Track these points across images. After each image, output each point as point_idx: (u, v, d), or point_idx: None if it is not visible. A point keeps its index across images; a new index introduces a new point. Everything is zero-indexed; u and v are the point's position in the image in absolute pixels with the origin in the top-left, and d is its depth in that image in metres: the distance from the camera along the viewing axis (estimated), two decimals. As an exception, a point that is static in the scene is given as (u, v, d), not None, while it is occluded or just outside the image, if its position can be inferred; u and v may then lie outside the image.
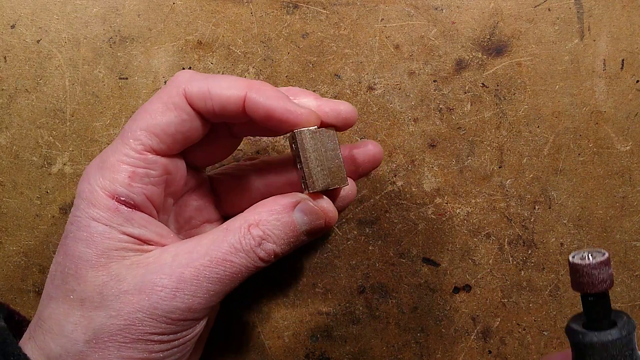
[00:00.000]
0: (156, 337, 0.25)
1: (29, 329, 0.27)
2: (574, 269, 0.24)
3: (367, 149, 0.30)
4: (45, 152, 0.36)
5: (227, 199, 0.32)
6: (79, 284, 0.25)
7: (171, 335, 0.25)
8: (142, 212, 0.27)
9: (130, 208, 0.26)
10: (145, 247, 0.27)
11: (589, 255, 0.24)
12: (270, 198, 0.27)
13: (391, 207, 0.36)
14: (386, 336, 0.36)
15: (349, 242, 0.36)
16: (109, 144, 0.36)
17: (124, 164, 0.26)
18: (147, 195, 0.27)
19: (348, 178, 0.29)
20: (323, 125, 0.28)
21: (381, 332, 0.36)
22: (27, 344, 0.26)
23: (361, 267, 0.36)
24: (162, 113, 0.26)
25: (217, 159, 0.31)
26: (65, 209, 0.36)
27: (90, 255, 0.25)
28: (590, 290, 0.24)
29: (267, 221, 0.26)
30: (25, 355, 0.25)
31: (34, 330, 0.26)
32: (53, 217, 0.36)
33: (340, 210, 0.30)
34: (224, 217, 0.32)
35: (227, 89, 0.26)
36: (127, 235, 0.26)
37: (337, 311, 0.36)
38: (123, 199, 0.26)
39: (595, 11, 0.36)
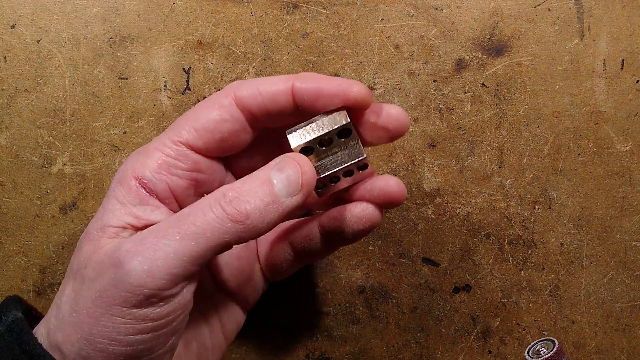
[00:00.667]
0: (129, 306, 0.23)
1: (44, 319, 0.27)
2: None
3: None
4: (45, 152, 0.36)
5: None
6: (76, 257, 0.26)
7: (148, 308, 0.24)
8: (161, 201, 0.27)
9: (148, 193, 0.27)
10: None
11: (543, 348, 0.26)
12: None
13: (391, 207, 0.36)
14: (386, 336, 0.36)
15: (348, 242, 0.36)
16: (109, 144, 0.36)
17: (158, 151, 0.27)
18: (170, 186, 0.27)
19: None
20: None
21: (381, 332, 0.36)
22: (39, 328, 0.26)
23: (361, 267, 0.36)
24: (206, 110, 0.27)
25: (230, 150, 0.30)
26: (65, 209, 0.36)
27: (91, 229, 0.26)
28: None
29: (242, 181, 0.25)
30: (40, 344, 0.25)
31: (51, 313, 0.26)
32: (53, 217, 0.36)
33: (360, 235, 0.29)
34: None
35: (274, 83, 0.27)
36: (133, 216, 0.26)
37: (337, 311, 0.36)
38: (145, 181, 0.26)
39: (595, 11, 0.36)
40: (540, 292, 0.36)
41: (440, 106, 0.36)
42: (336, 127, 0.26)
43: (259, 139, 0.29)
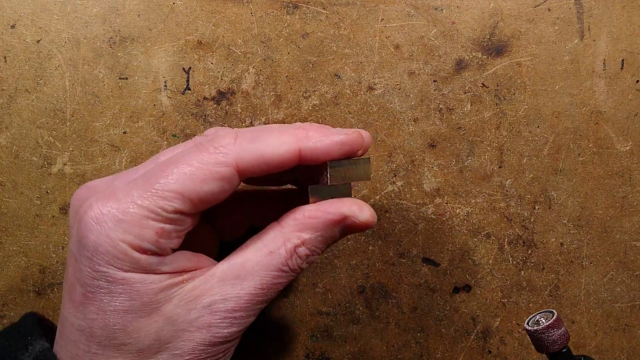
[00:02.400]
0: (218, 356, 0.26)
1: None
2: (529, 335, 0.29)
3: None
4: (45, 152, 0.36)
5: (222, 229, 0.32)
6: (132, 337, 0.24)
7: (230, 348, 0.27)
8: (167, 255, 0.26)
9: (157, 256, 0.25)
10: (184, 276, 0.26)
11: (542, 319, 0.27)
12: (309, 209, 0.27)
13: (391, 207, 0.36)
14: (386, 336, 0.36)
15: (349, 242, 0.36)
16: (109, 144, 0.36)
17: (151, 220, 0.24)
18: (172, 247, 0.26)
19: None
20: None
21: (381, 332, 0.36)
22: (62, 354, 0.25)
23: (361, 267, 0.36)
24: (204, 181, 0.24)
25: (234, 233, 0.32)
26: (65, 209, 0.36)
27: (136, 306, 0.24)
28: (547, 351, 0.28)
29: (312, 239, 0.26)
30: None
31: None
32: (53, 217, 0.36)
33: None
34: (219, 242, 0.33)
35: (278, 147, 0.25)
36: (164, 273, 0.25)
37: (337, 311, 0.36)
38: (149, 253, 0.25)
39: (595, 11, 0.36)
40: (540, 292, 0.36)
41: (440, 106, 0.36)
42: (364, 179, 0.28)
43: None
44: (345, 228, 0.27)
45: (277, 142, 0.25)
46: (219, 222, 0.32)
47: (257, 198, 0.33)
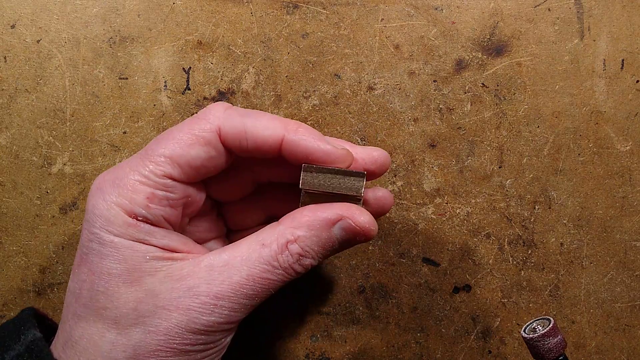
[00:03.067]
0: (198, 347, 0.25)
1: (55, 346, 0.26)
2: (525, 342, 0.29)
3: (371, 154, 0.29)
4: (45, 152, 0.36)
5: (232, 219, 0.32)
6: (112, 302, 0.25)
7: (209, 345, 0.26)
8: (161, 227, 0.26)
9: (148, 224, 0.26)
10: (174, 255, 0.26)
11: (539, 326, 0.27)
12: (307, 209, 0.27)
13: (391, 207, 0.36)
14: (386, 336, 0.36)
15: (349, 242, 0.36)
16: (109, 144, 0.36)
17: (142, 184, 0.25)
18: (165, 216, 0.26)
19: (385, 190, 0.30)
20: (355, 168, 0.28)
21: (381, 332, 0.36)
22: (56, 345, 0.26)
23: (361, 267, 0.36)
24: (191, 145, 0.26)
25: (234, 197, 0.31)
26: (65, 209, 0.36)
27: (121, 270, 0.25)
28: (542, 359, 0.27)
29: (306, 237, 0.26)
30: None
31: (64, 350, 0.25)
32: (53, 217, 0.36)
33: (377, 216, 0.30)
34: (228, 232, 0.32)
35: (263, 129, 0.26)
36: (154, 245, 0.26)
37: (337, 311, 0.36)
38: (140, 218, 0.25)
39: (595, 11, 0.36)
40: (540, 292, 0.36)
41: (440, 106, 0.36)
42: (350, 194, 0.27)
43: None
44: (343, 232, 0.26)
45: (264, 124, 0.26)
46: (233, 214, 0.32)
47: (273, 194, 0.32)
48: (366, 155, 0.28)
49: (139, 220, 0.25)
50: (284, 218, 0.27)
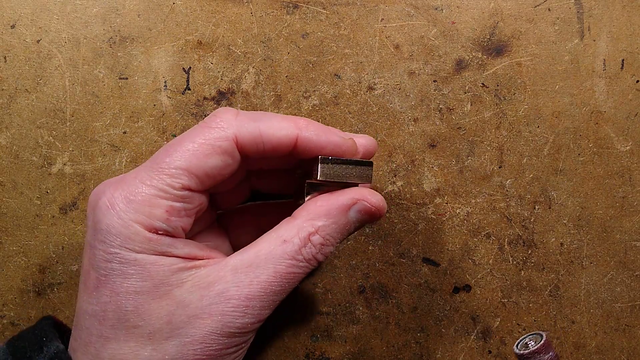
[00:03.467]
0: (231, 350, 0.25)
1: None
2: (518, 358, 0.29)
3: (358, 142, 0.30)
4: (45, 152, 0.36)
5: (219, 201, 0.32)
6: (143, 319, 0.24)
7: (242, 344, 0.26)
8: (179, 237, 0.26)
9: (168, 236, 0.26)
10: (196, 262, 0.26)
11: (531, 342, 0.27)
12: (320, 199, 0.27)
13: (391, 207, 0.36)
14: (386, 336, 0.36)
15: (349, 242, 0.36)
16: (109, 144, 0.36)
17: (161, 198, 0.25)
18: (183, 226, 0.26)
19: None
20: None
21: (381, 332, 0.36)
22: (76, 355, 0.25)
23: (361, 267, 0.36)
24: (209, 155, 0.25)
25: (228, 187, 0.31)
26: (65, 209, 0.36)
27: (148, 287, 0.25)
28: None
29: (326, 226, 0.26)
30: None
31: None
32: (53, 217, 0.36)
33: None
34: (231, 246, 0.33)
35: (278, 130, 0.26)
36: (176, 257, 0.25)
37: (337, 311, 0.36)
38: (161, 232, 0.25)
39: (595, 11, 0.36)
40: (540, 292, 0.36)
41: (440, 106, 0.36)
42: (361, 182, 0.28)
43: None
44: (358, 214, 0.27)
45: (277, 125, 0.26)
46: (231, 230, 0.32)
47: (268, 209, 0.33)
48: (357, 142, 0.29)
49: (159, 234, 0.25)
50: (298, 211, 0.27)
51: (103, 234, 0.25)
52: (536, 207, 0.36)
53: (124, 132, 0.36)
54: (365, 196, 0.27)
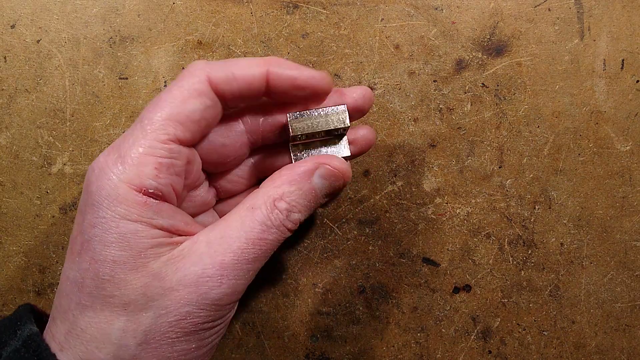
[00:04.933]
0: (207, 325, 0.26)
1: (54, 337, 0.26)
2: None
3: (352, 93, 0.31)
4: (45, 152, 0.36)
5: (222, 187, 0.32)
6: (119, 289, 0.25)
7: (219, 320, 0.26)
8: (168, 202, 0.26)
9: (158, 199, 0.26)
10: (175, 238, 0.26)
11: None
12: (285, 168, 0.28)
13: (391, 207, 0.36)
14: (386, 336, 0.36)
15: (349, 242, 0.36)
16: (109, 144, 0.36)
17: (148, 155, 0.25)
18: (173, 185, 0.26)
19: (368, 127, 0.31)
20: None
21: (381, 332, 0.36)
22: (61, 355, 0.25)
23: (361, 267, 0.36)
24: (186, 100, 0.26)
25: (231, 167, 0.31)
26: (65, 209, 0.36)
27: (126, 257, 0.25)
28: None
29: (290, 192, 0.27)
30: None
31: (67, 339, 0.25)
32: (53, 217, 0.36)
33: (360, 153, 0.31)
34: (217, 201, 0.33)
35: (248, 67, 0.27)
36: (159, 228, 0.26)
37: (337, 311, 0.36)
38: (151, 191, 0.25)
39: (595, 11, 0.36)
40: (540, 292, 0.36)
41: (440, 106, 0.36)
42: (338, 127, 0.28)
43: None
44: (322, 179, 0.27)
45: (247, 64, 0.27)
46: (222, 186, 0.32)
47: (261, 158, 0.33)
48: (350, 93, 0.30)
49: (149, 193, 0.25)
50: (264, 182, 0.28)
51: (93, 196, 0.25)
52: (536, 207, 0.36)
53: (124, 132, 0.36)
54: (328, 160, 0.28)
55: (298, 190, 0.27)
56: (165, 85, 0.36)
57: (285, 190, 0.27)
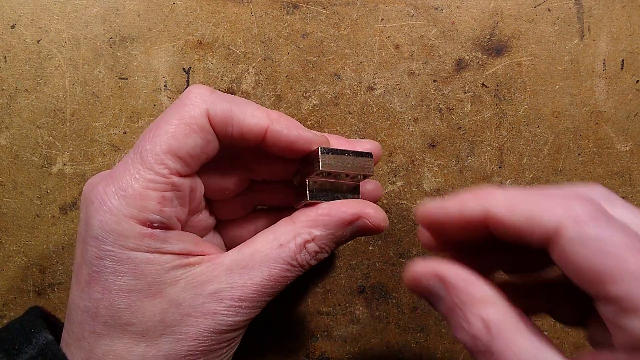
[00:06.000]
0: (221, 346, 0.26)
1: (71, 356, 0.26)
2: None
3: (363, 147, 0.30)
4: (45, 152, 0.36)
5: (222, 211, 0.32)
6: (136, 317, 0.25)
7: (233, 340, 0.27)
8: (173, 229, 0.26)
9: (164, 229, 0.25)
10: (190, 259, 0.26)
11: None
12: (322, 207, 0.27)
13: (391, 207, 0.36)
14: (386, 336, 0.36)
15: (349, 242, 0.36)
16: (109, 144, 0.36)
17: (151, 189, 0.24)
18: (177, 216, 0.26)
19: (374, 182, 0.31)
20: None
21: (381, 332, 0.36)
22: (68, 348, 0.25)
23: (361, 267, 0.36)
24: (187, 135, 0.25)
25: (229, 195, 0.31)
26: (66, 209, 0.36)
27: (141, 286, 0.24)
28: None
29: (322, 236, 0.26)
30: None
31: None
32: (53, 217, 0.36)
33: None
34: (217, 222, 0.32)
35: (250, 117, 0.26)
36: (170, 253, 0.25)
37: (337, 311, 0.36)
38: (156, 225, 0.25)
39: (595, 11, 0.36)
40: (540, 292, 0.36)
41: (440, 106, 0.36)
42: (363, 173, 0.28)
43: None
44: (356, 229, 0.27)
45: (249, 112, 0.26)
46: (227, 231, 0.32)
47: (262, 186, 0.32)
48: (361, 145, 0.30)
49: (154, 227, 0.25)
50: (297, 215, 0.27)
51: (95, 230, 0.24)
52: (536, 207, 0.36)
53: (124, 132, 0.36)
54: (367, 213, 0.27)
55: (331, 235, 0.27)
56: (165, 86, 0.36)
57: (319, 234, 0.26)
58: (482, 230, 0.22)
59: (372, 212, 0.27)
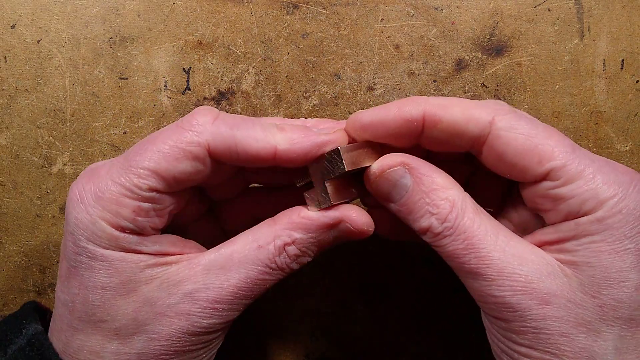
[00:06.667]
0: (196, 347, 0.25)
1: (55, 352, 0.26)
2: None
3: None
4: (45, 152, 0.36)
5: (225, 220, 0.32)
6: (110, 314, 0.24)
7: (210, 342, 0.26)
8: (148, 235, 0.26)
9: (137, 235, 0.25)
10: (167, 259, 0.26)
11: None
12: (305, 210, 0.26)
13: (391, 207, 0.36)
14: (386, 336, 0.36)
15: (349, 242, 0.36)
16: (109, 144, 0.36)
17: (128, 197, 0.24)
18: (152, 225, 0.26)
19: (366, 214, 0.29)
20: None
21: (381, 332, 0.36)
22: (57, 341, 0.26)
23: (361, 267, 0.36)
24: (178, 160, 0.24)
25: (226, 196, 0.31)
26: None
27: (115, 283, 0.24)
28: None
29: (303, 239, 0.26)
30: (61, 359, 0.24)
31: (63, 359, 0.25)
32: (53, 217, 0.36)
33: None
34: (222, 231, 0.32)
35: (255, 142, 0.25)
36: (145, 254, 0.25)
37: (337, 311, 0.36)
38: (128, 231, 0.25)
39: (595, 11, 0.36)
40: (540, 292, 0.36)
41: (440, 106, 0.36)
42: (376, 159, 0.27)
43: None
44: (339, 233, 0.26)
45: (254, 137, 0.25)
46: (224, 215, 0.32)
47: (264, 197, 0.32)
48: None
49: (126, 232, 0.25)
50: (280, 216, 0.27)
51: (72, 226, 0.25)
52: (536, 207, 0.36)
53: (124, 132, 0.36)
54: (350, 216, 0.26)
55: (313, 239, 0.26)
56: (165, 86, 0.36)
57: (299, 237, 0.25)
58: (415, 136, 0.25)
59: (355, 216, 0.26)
